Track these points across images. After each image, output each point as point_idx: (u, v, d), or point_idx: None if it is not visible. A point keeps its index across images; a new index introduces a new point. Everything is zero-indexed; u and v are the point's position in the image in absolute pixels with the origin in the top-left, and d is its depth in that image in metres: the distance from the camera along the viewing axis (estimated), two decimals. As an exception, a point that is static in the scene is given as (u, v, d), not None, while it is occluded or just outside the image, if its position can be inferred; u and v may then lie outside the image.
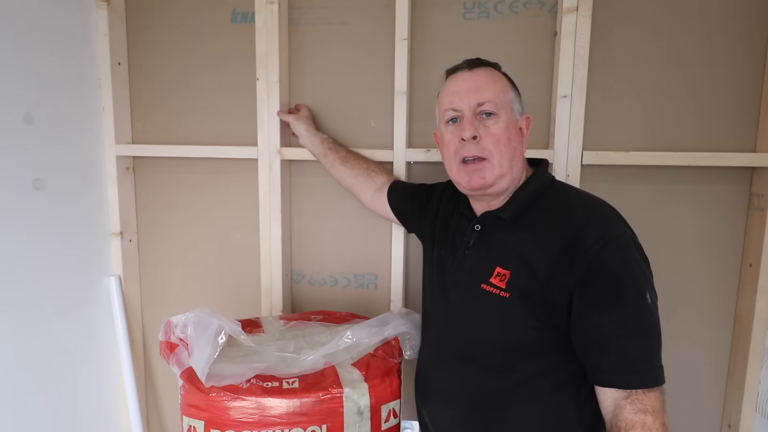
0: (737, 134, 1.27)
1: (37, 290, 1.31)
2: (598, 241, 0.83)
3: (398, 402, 1.02)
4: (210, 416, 0.90)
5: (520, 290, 0.90)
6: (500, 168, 0.93)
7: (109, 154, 1.51)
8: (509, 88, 0.98)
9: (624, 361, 0.82)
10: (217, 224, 1.55)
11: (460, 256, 1.01)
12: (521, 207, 0.95)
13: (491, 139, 0.93)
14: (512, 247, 0.93)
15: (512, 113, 0.96)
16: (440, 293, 1.05)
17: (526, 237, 0.92)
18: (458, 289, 1.00)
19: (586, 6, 1.22)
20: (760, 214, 1.24)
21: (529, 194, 0.96)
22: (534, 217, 0.94)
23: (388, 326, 1.08)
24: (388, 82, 1.37)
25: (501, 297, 0.91)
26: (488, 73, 0.96)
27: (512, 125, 0.95)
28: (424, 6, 1.36)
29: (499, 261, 0.94)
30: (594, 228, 0.86)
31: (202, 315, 1.01)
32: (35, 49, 1.28)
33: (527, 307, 0.89)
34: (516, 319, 0.90)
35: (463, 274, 0.99)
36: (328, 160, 1.34)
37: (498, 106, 0.93)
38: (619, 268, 0.83)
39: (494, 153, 0.93)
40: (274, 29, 1.36)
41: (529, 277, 0.89)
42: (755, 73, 1.25)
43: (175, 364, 0.97)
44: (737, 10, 1.23)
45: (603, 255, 0.83)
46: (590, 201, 0.94)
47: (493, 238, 0.98)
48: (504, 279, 0.92)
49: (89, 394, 1.50)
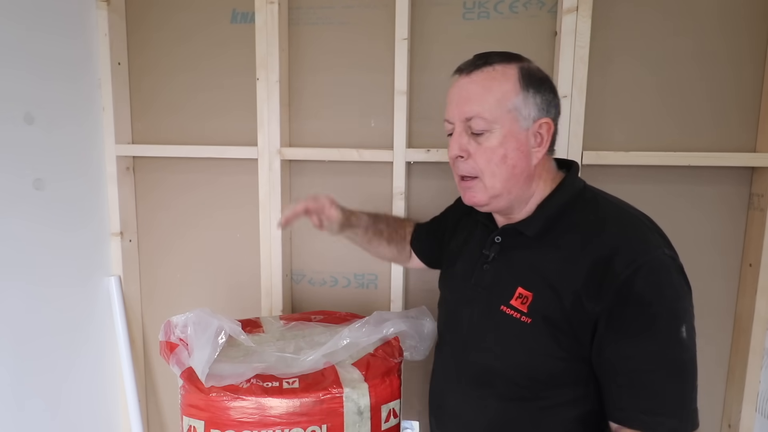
0: (737, 134, 1.27)
1: (37, 290, 1.31)
2: (630, 264, 0.73)
3: (398, 402, 1.02)
4: (210, 416, 0.90)
5: (544, 316, 0.80)
6: (492, 189, 0.84)
7: (109, 154, 1.51)
8: (515, 92, 0.82)
9: (645, 399, 0.73)
10: (217, 224, 1.55)
11: (479, 271, 0.92)
12: (547, 222, 0.85)
13: (482, 156, 0.83)
14: (536, 266, 0.84)
15: (516, 123, 0.82)
16: (457, 310, 0.96)
17: (551, 256, 0.82)
18: (476, 307, 0.91)
19: (586, 6, 1.22)
20: (760, 214, 1.24)
21: (556, 208, 0.85)
22: (561, 234, 0.83)
23: (387, 324, 1.07)
24: (388, 82, 1.37)
25: (522, 322, 0.82)
26: (487, 77, 0.83)
27: (512, 138, 0.82)
28: (424, 6, 1.36)
29: (521, 281, 0.84)
30: (626, 248, 0.76)
31: (202, 315, 1.01)
32: (35, 49, 1.28)
33: (552, 335, 0.79)
34: (540, 347, 0.81)
35: (481, 291, 0.90)
36: (372, 246, 1.21)
37: (489, 120, 0.82)
38: (651, 295, 0.73)
39: (485, 172, 0.84)
40: (274, 29, 1.36)
41: (554, 301, 0.79)
42: (755, 73, 1.25)
43: (175, 364, 0.97)
44: (737, 10, 1.23)
45: (634, 280, 0.73)
46: (625, 214, 0.83)
47: (514, 254, 0.88)
48: (526, 302, 0.83)
49: (89, 393, 1.50)
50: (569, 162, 0.93)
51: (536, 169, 0.86)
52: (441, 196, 1.41)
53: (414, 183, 1.43)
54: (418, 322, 1.12)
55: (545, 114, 0.84)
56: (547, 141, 0.85)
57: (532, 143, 0.84)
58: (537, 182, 0.88)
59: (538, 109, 0.84)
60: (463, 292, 0.95)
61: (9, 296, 1.24)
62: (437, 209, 1.40)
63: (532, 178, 0.87)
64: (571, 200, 0.86)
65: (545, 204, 0.86)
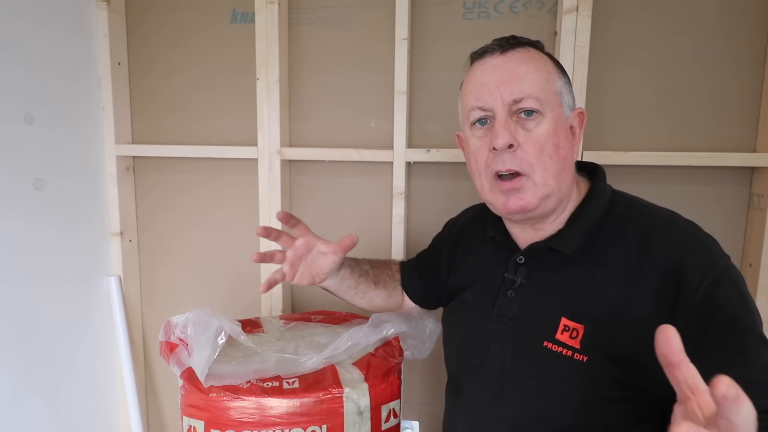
0: (737, 134, 1.27)
1: (36, 290, 1.31)
2: (707, 275, 0.64)
3: (398, 402, 1.02)
4: (210, 416, 0.90)
5: (602, 350, 0.67)
6: (545, 187, 0.71)
7: (109, 154, 1.51)
8: (557, 75, 0.74)
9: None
10: (217, 224, 1.55)
11: (502, 299, 0.78)
12: (586, 237, 0.73)
13: (533, 147, 0.70)
14: (581, 291, 0.71)
15: (561, 109, 0.72)
16: (480, 347, 0.81)
17: (602, 277, 0.70)
18: (506, 343, 0.77)
19: (586, 6, 1.21)
20: (760, 214, 1.24)
21: (594, 219, 0.73)
22: (603, 249, 0.71)
23: (387, 326, 1.07)
24: (388, 82, 1.37)
25: (576, 361, 0.69)
26: (528, 56, 0.72)
27: (561, 125, 0.72)
28: (424, 6, 1.36)
29: (564, 309, 0.71)
30: (695, 258, 0.65)
31: (202, 315, 1.01)
32: (35, 49, 1.28)
33: (613, 373, 0.67)
34: (601, 389, 0.68)
35: (509, 323, 0.77)
36: (359, 290, 1.04)
37: (543, 101, 0.70)
38: (735, 307, 0.63)
39: (536, 166, 0.70)
40: (274, 29, 1.36)
41: (614, 332, 0.67)
42: (755, 73, 1.24)
43: (175, 364, 0.97)
44: (737, 9, 1.23)
45: (716, 293, 0.63)
46: (675, 221, 0.72)
47: (549, 277, 0.75)
48: (577, 336, 0.69)
49: (89, 393, 1.50)
50: (587, 164, 0.81)
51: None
52: (441, 196, 1.42)
53: (414, 183, 1.43)
54: (420, 323, 1.11)
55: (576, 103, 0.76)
56: (580, 134, 0.75)
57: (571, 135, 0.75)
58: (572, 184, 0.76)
59: (573, 98, 0.75)
60: (484, 326, 0.80)
61: (9, 296, 1.24)
62: (437, 209, 1.40)
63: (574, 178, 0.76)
64: (609, 208, 0.74)
65: (578, 214, 0.75)
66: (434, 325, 1.10)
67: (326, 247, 0.93)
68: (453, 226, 1.03)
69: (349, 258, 1.02)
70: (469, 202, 1.09)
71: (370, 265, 1.07)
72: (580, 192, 0.78)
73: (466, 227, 0.97)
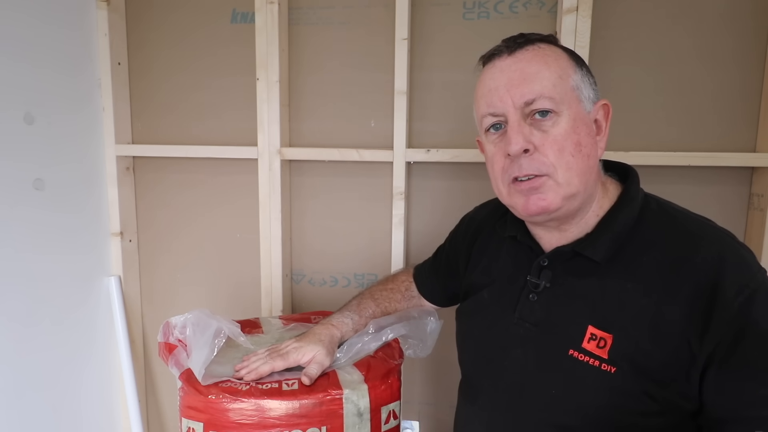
0: (737, 134, 1.27)
1: (36, 290, 1.31)
2: (742, 290, 0.61)
3: (398, 403, 1.02)
4: (209, 418, 0.90)
5: (632, 362, 0.65)
6: (568, 186, 0.68)
7: (109, 154, 1.51)
8: (572, 69, 0.70)
9: None
10: (217, 224, 1.55)
11: (524, 302, 0.76)
12: (616, 243, 0.69)
13: (552, 147, 0.67)
14: (610, 299, 0.68)
15: (580, 104, 0.70)
16: (500, 351, 0.78)
17: (632, 286, 0.67)
18: (527, 349, 0.74)
19: (586, 6, 1.21)
20: (760, 214, 1.24)
21: (624, 224, 0.70)
22: (635, 256, 0.68)
23: (387, 331, 1.06)
24: (388, 82, 1.37)
25: (603, 371, 0.66)
26: (538, 53, 0.69)
27: (581, 122, 0.69)
28: (424, 6, 1.35)
29: (592, 318, 0.68)
30: (731, 271, 0.62)
31: (201, 316, 1.01)
32: (35, 49, 1.28)
33: (642, 386, 0.64)
34: (630, 402, 0.65)
35: (531, 328, 0.74)
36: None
37: (557, 100, 0.67)
38: None
39: (557, 166, 0.67)
40: (274, 29, 1.36)
41: (646, 343, 0.64)
42: (755, 73, 1.24)
43: (174, 366, 0.97)
44: (737, 9, 1.23)
45: (751, 309, 0.60)
46: (710, 230, 0.69)
47: (576, 283, 0.72)
48: (605, 345, 0.66)
49: (89, 393, 1.50)
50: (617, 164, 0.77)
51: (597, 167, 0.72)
52: (441, 196, 1.42)
53: (414, 183, 1.43)
54: (420, 322, 1.11)
55: (600, 96, 0.73)
56: (606, 128, 0.72)
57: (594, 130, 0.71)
58: (598, 186, 0.73)
59: (594, 90, 0.72)
60: (504, 329, 0.78)
61: (9, 296, 1.24)
62: (437, 209, 1.40)
63: (597, 177, 0.72)
64: (639, 214, 0.71)
65: (609, 218, 0.71)
66: (435, 324, 1.09)
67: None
68: (471, 221, 0.99)
69: (349, 313, 1.01)
70: (469, 202, 1.09)
71: (375, 303, 1.05)
72: (608, 194, 0.75)
73: (484, 222, 0.94)
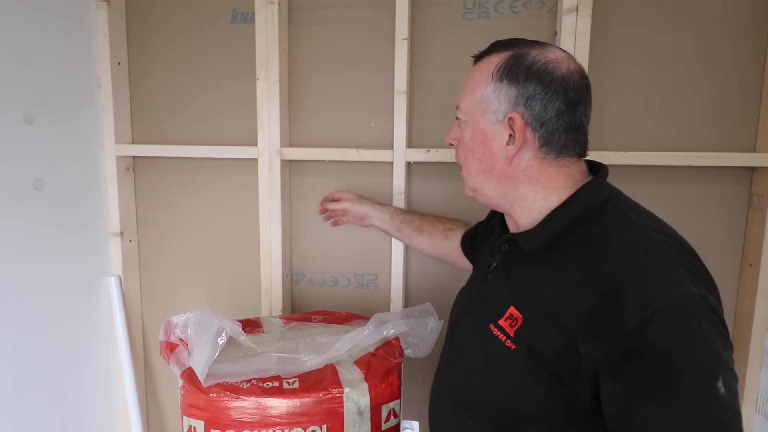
0: (737, 134, 1.27)
1: (36, 290, 1.31)
2: (644, 308, 0.60)
3: (398, 402, 1.02)
4: (210, 416, 0.90)
5: (529, 346, 0.70)
6: (468, 182, 0.84)
7: (109, 154, 1.51)
8: (486, 83, 0.76)
9: None
10: (217, 224, 1.55)
11: (481, 280, 0.86)
12: (547, 239, 0.74)
13: (460, 147, 0.84)
14: (532, 286, 0.74)
15: (482, 116, 0.77)
16: (457, 318, 0.90)
17: (550, 278, 0.72)
18: (470, 319, 0.84)
19: (586, 6, 1.22)
20: (760, 214, 1.24)
21: (562, 222, 0.74)
22: (568, 253, 0.72)
23: (388, 326, 1.07)
24: (388, 82, 1.37)
25: (506, 347, 0.73)
26: (481, 66, 0.79)
27: (479, 132, 0.78)
28: (424, 6, 1.36)
29: (515, 300, 0.75)
30: (640, 286, 0.62)
31: (203, 315, 1.01)
32: (35, 48, 1.28)
33: (533, 369, 0.69)
34: (518, 378, 0.71)
35: (480, 302, 0.83)
36: (404, 235, 1.28)
37: (464, 110, 0.80)
38: (671, 345, 0.59)
39: (463, 163, 0.83)
40: (274, 29, 1.36)
41: (543, 332, 0.69)
42: (755, 73, 1.25)
43: (175, 364, 0.97)
44: (737, 10, 1.23)
45: (648, 327, 0.59)
46: (647, 239, 0.68)
47: (514, 268, 0.79)
48: (515, 325, 0.73)
49: (89, 393, 1.50)
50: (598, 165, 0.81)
51: (526, 172, 0.76)
52: (441, 196, 1.42)
53: (414, 183, 1.43)
54: (421, 321, 1.11)
55: (516, 108, 0.74)
56: (519, 139, 0.74)
57: (506, 140, 0.76)
58: (533, 187, 0.77)
59: (511, 102, 0.74)
60: (465, 300, 0.90)
61: (9, 296, 1.24)
62: (437, 209, 1.40)
63: (516, 180, 0.77)
64: (583, 213, 0.73)
65: (551, 216, 0.75)
66: (435, 324, 1.10)
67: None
68: None
69: (396, 208, 1.32)
70: (469, 202, 1.09)
71: (420, 216, 1.29)
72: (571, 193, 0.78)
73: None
